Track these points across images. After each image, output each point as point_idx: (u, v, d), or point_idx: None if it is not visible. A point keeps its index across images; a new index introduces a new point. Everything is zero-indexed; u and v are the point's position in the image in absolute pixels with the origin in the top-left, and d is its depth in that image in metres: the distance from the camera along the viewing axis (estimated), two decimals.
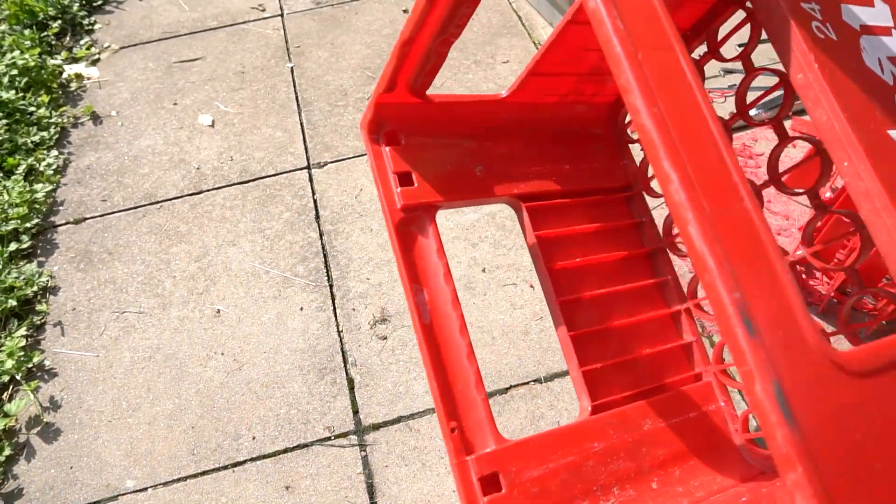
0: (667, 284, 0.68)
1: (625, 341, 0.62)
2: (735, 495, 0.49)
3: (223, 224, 1.33)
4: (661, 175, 0.28)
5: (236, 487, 0.98)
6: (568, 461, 0.50)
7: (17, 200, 1.33)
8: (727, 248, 0.26)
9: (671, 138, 0.28)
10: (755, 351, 0.24)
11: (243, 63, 1.68)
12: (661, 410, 0.57)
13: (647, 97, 0.29)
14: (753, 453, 0.57)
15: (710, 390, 0.61)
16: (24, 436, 1.06)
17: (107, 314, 1.21)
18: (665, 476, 0.53)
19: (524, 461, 0.49)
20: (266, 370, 1.11)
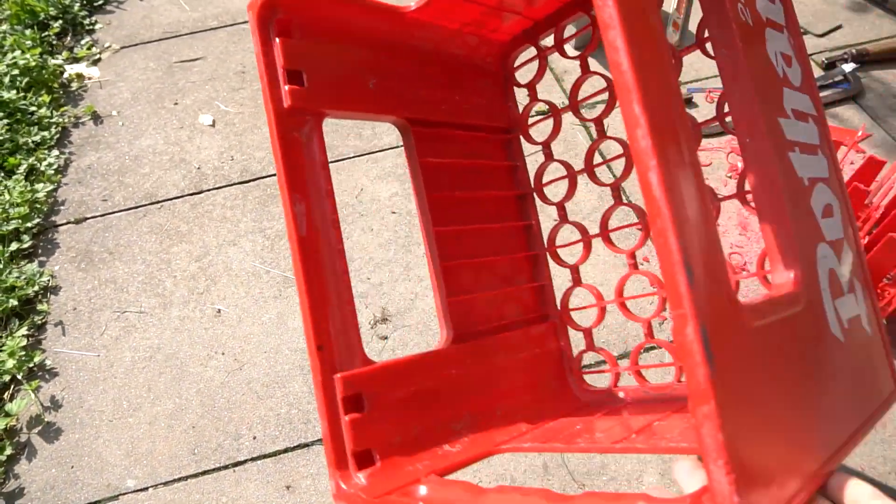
0: (530, 228, 0.69)
1: (487, 278, 0.63)
2: (569, 423, 0.53)
3: (224, 224, 1.34)
4: (630, 118, 0.29)
5: (237, 487, 0.99)
6: (428, 386, 0.51)
7: (18, 200, 1.34)
8: (678, 201, 0.28)
9: (645, 86, 0.29)
10: (692, 297, 0.26)
11: (244, 63, 1.68)
12: (512, 345, 0.60)
13: (629, 39, 0.29)
14: (582, 389, 0.62)
15: (553, 331, 0.66)
16: (25, 435, 1.06)
17: (107, 314, 1.21)
18: (511, 404, 0.56)
19: (388, 384, 0.48)
20: (267, 370, 1.11)
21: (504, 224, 0.67)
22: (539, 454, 0.98)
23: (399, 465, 0.46)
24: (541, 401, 0.59)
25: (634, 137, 0.29)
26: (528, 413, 0.56)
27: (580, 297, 0.70)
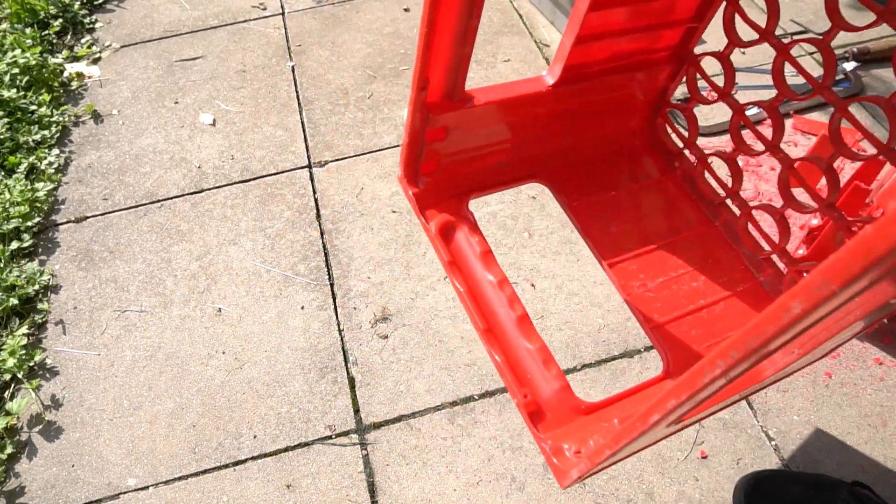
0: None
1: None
2: None
3: (224, 223, 1.34)
4: None
5: (237, 486, 0.99)
6: (515, 126, 0.60)
7: (18, 199, 1.34)
8: None
9: None
10: None
11: (244, 62, 1.68)
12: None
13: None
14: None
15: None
16: (26, 434, 1.06)
17: (108, 313, 1.21)
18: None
19: (472, 124, 0.56)
20: (267, 369, 1.11)
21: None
22: (538, 454, 0.98)
23: (453, 181, 0.55)
24: None
25: None
26: None
27: None
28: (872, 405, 1.00)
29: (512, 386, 0.55)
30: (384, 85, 1.59)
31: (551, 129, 0.66)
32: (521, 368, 0.56)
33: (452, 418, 1.03)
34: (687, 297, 0.64)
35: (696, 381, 0.34)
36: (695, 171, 0.75)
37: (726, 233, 0.71)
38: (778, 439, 0.98)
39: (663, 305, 0.62)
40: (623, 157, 0.74)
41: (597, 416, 0.54)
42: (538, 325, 1.13)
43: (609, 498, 0.94)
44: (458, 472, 0.98)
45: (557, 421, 0.54)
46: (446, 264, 0.58)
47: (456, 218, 0.62)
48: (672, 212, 0.71)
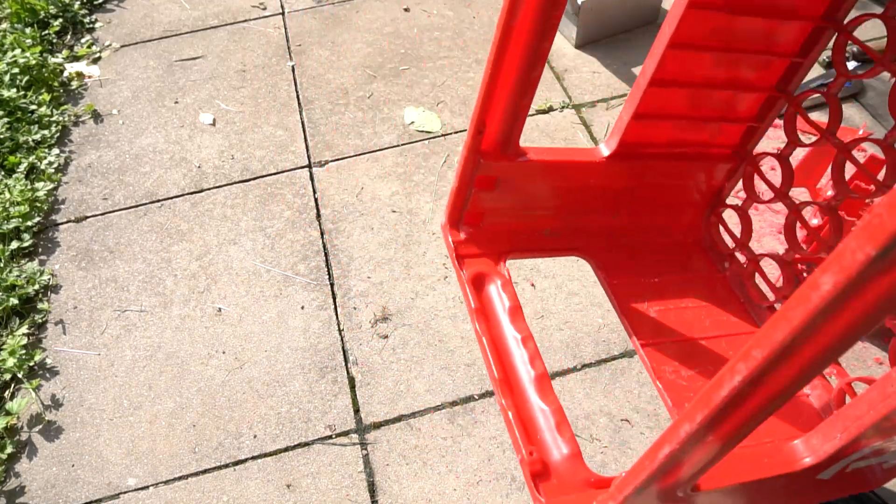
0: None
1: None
2: None
3: (224, 223, 1.34)
4: None
5: (237, 486, 0.99)
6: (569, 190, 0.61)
7: (18, 199, 1.34)
8: None
9: None
10: None
11: (244, 62, 1.68)
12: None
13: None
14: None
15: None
16: (26, 434, 1.06)
17: (108, 312, 1.21)
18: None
19: (522, 177, 0.57)
20: (267, 369, 1.11)
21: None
22: None
23: (495, 237, 0.54)
24: None
25: None
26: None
27: None
28: None
29: (519, 441, 0.53)
30: (384, 84, 1.58)
31: (602, 205, 0.66)
32: (531, 426, 0.55)
33: (452, 418, 1.03)
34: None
35: (712, 395, 0.31)
36: (744, 273, 0.73)
37: None
38: None
39: (695, 396, 0.61)
40: (672, 249, 0.73)
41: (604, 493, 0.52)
42: (538, 325, 1.13)
43: None
44: (458, 471, 0.98)
45: (563, 488, 0.52)
46: (473, 311, 0.58)
47: (491, 272, 0.62)
48: (717, 310, 0.70)
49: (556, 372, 1.07)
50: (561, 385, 1.05)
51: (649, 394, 1.04)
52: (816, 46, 0.63)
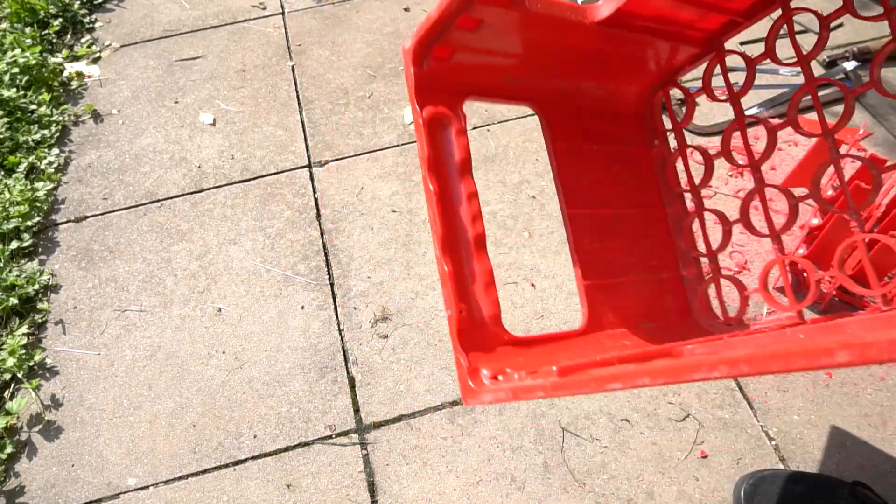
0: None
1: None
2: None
3: (224, 222, 1.34)
4: None
5: (237, 486, 0.99)
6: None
7: (18, 199, 1.34)
8: None
9: None
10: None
11: (244, 61, 1.68)
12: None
13: None
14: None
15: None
16: (26, 434, 1.06)
17: (108, 312, 1.21)
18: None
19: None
20: (267, 369, 1.11)
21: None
22: (538, 454, 0.98)
23: (457, 75, 0.53)
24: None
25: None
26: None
27: None
28: (873, 405, 1.00)
29: (451, 298, 0.55)
30: (384, 84, 1.58)
31: (569, 64, 0.65)
32: (463, 284, 0.56)
33: (452, 418, 1.03)
34: (620, 268, 0.66)
35: (684, 374, 0.34)
36: (668, 157, 0.75)
37: (673, 223, 0.72)
38: (778, 439, 0.98)
39: (599, 268, 0.63)
40: (617, 119, 0.74)
41: (516, 351, 0.55)
42: (538, 325, 1.13)
43: (609, 497, 0.94)
44: (459, 471, 0.98)
45: (481, 344, 0.55)
46: (425, 159, 0.56)
47: (448, 115, 0.60)
48: (637, 185, 0.72)
49: None
50: None
51: (649, 394, 1.04)
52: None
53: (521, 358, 0.54)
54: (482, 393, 0.50)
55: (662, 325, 0.65)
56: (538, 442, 1.00)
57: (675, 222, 0.73)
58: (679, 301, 0.69)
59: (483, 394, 0.49)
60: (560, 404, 1.03)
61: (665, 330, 0.65)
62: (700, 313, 0.68)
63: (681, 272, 0.71)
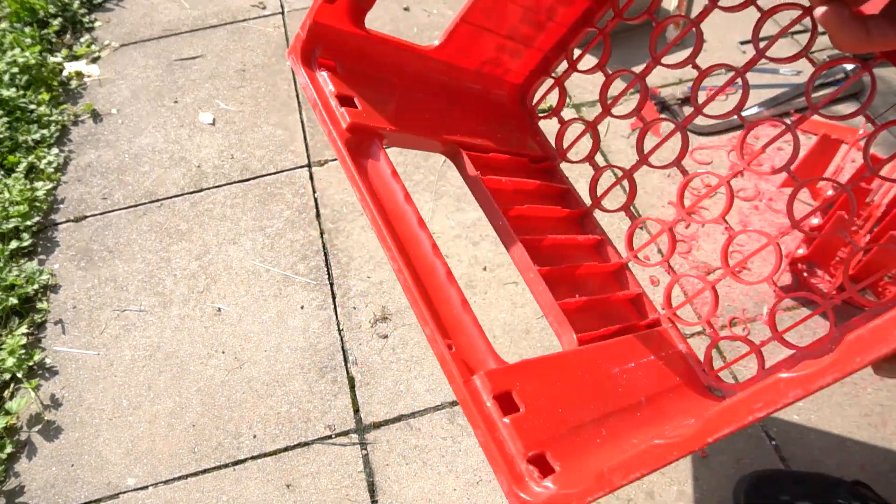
0: (603, 243, 0.70)
1: (584, 286, 0.62)
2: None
3: (224, 222, 1.33)
4: None
5: (237, 485, 0.99)
6: (567, 386, 0.46)
7: (17, 198, 1.33)
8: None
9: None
10: None
11: (244, 61, 1.68)
12: (635, 347, 0.57)
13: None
14: (724, 387, 0.61)
15: (668, 335, 0.64)
16: (26, 433, 1.06)
17: (107, 312, 1.21)
18: (651, 406, 0.52)
19: (528, 382, 0.42)
20: (267, 368, 1.11)
21: (574, 239, 0.67)
22: None
23: (579, 465, 0.39)
24: (683, 398, 0.57)
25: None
26: (671, 410, 0.53)
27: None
28: (873, 405, 1.00)
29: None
30: None
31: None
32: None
33: (452, 418, 1.03)
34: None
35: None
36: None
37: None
38: (778, 439, 0.98)
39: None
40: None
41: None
42: (538, 325, 1.13)
43: (609, 497, 0.94)
44: (459, 471, 0.98)
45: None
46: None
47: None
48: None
49: None
50: None
51: None
52: None
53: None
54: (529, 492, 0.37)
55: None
56: None
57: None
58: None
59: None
60: None
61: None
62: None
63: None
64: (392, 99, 0.56)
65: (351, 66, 0.53)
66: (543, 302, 0.55)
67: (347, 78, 0.52)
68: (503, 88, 0.71)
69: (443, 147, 0.60)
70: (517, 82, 0.72)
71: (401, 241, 0.47)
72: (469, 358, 0.43)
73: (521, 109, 0.74)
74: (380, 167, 0.50)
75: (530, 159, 0.70)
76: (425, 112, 0.59)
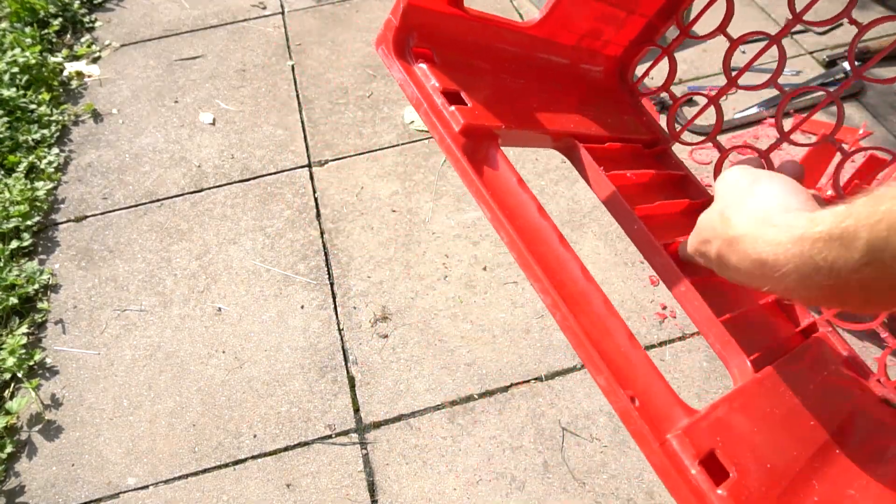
0: None
1: (726, 296, 0.52)
2: None
3: (224, 222, 1.34)
4: None
5: (237, 485, 0.99)
6: (763, 431, 0.38)
7: (18, 198, 1.34)
8: None
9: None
10: None
11: (244, 61, 1.68)
12: (805, 364, 0.48)
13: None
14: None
15: (830, 341, 0.54)
16: (26, 433, 1.06)
17: (108, 312, 1.21)
18: (843, 440, 0.43)
19: (726, 434, 0.35)
20: (267, 368, 1.11)
21: None
22: (538, 453, 0.98)
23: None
24: (866, 422, 0.47)
25: None
26: (856, 442, 0.44)
27: None
28: None
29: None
30: (384, 84, 1.58)
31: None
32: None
33: (452, 417, 1.03)
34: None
35: None
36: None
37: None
38: None
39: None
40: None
41: None
42: (538, 325, 1.13)
43: (609, 497, 0.94)
44: (458, 471, 0.98)
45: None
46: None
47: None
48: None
49: (555, 371, 1.07)
50: (561, 385, 1.05)
51: None
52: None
53: None
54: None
55: None
56: (538, 441, 1.00)
57: None
58: None
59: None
60: (560, 404, 1.03)
61: None
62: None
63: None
64: (496, 90, 0.48)
65: (447, 55, 0.45)
66: (700, 319, 0.46)
67: (446, 69, 0.44)
68: (599, 63, 0.63)
69: (556, 141, 0.52)
70: (616, 54, 0.64)
71: (547, 265, 0.38)
72: (654, 410, 0.35)
73: (621, 86, 0.65)
74: (505, 175, 0.42)
75: (643, 144, 0.62)
76: (532, 102, 0.51)
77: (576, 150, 0.52)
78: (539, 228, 0.40)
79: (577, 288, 0.38)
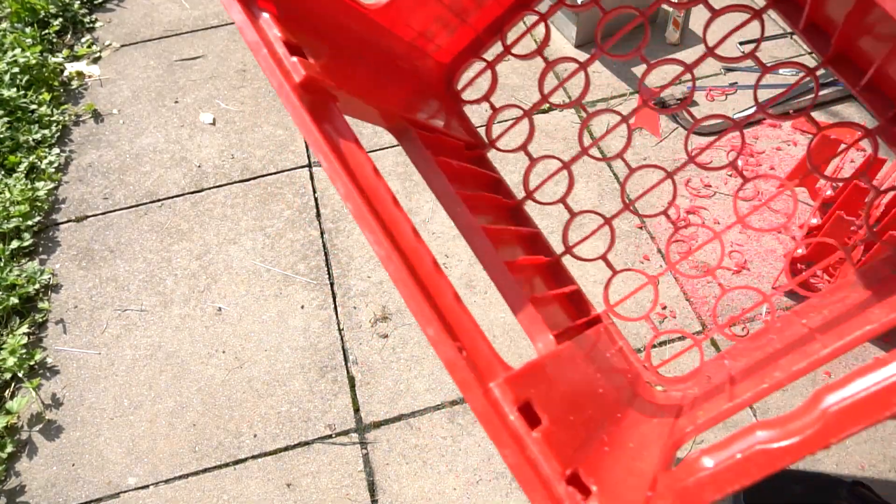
0: (538, 236, 0.68)
1: (531, 283, 0.57)
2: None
3: (224, 222, 1.34)
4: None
5: (237, 485, 0.99)
6: (568, 390, 0.43)
7: (18, 198, 1.34)
8: None
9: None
10: None
11: (244, 61, 1.68)
12: (592, 345, 0.56)
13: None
14: (665, 381, 0.62)
15: (610, 332, 0.65)
16: (27, 433, 1.07)
17: (108, 312, 1.21)
18: (622, 406, 0.53)
19: (540, 388, 0.38)
20: (267, 368, 1.11)
21: (519, 231, 0.65)
22: None
23: (610, 482, 0.35)
24: (638, 401, 0.57)
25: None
26: (627, 421, 0.52)
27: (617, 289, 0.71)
28: None
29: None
30: None
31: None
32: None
33: (452, 417, 1.03)
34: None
35: None
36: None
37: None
38: None
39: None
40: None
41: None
42: None
43: None
44: (458, 470, 0.98)
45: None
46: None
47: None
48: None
49: None
50: None
51: None
52: None
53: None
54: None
55: None
56: None
57: None
58: None
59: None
60: None
61: None
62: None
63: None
64: (336, 59, 0.47)
65: (290, 17, 0.44)
66: (513, 300, 0.50)
67: (290, 26, 0.43)
68: (430, 66, 0.67)
69: (392, 121, 0.53)
70: (444, 62, 0.69)
71: (380, 219, 0.39)
72: (478, 362, 0.37)
73: (447, 92, 0.70)
74: (346, 134, 0.43)
75: (465, 145, 0.68)
76: (371, 79, 0.51)
77: (409, 133, 0.54)
78: (375, 186, 0.42)
79: (408, 244, 0.40)
